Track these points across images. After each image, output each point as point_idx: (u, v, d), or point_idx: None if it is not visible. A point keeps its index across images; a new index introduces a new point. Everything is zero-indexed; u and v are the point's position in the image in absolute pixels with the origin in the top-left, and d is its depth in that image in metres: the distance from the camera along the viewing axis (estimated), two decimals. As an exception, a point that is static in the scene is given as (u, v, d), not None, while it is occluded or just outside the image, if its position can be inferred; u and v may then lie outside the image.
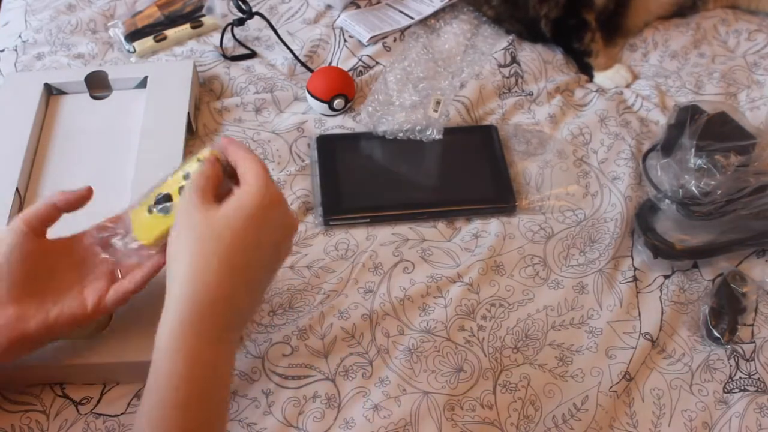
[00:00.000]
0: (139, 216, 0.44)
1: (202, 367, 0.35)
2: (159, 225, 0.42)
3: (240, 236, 0.36)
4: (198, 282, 0.35)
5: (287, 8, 0.79)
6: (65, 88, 0.66)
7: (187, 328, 0.35)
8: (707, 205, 0.55)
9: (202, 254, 0.36)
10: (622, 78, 0.72)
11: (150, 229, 0.43)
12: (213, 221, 0.36)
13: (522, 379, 0.51)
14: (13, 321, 0.40)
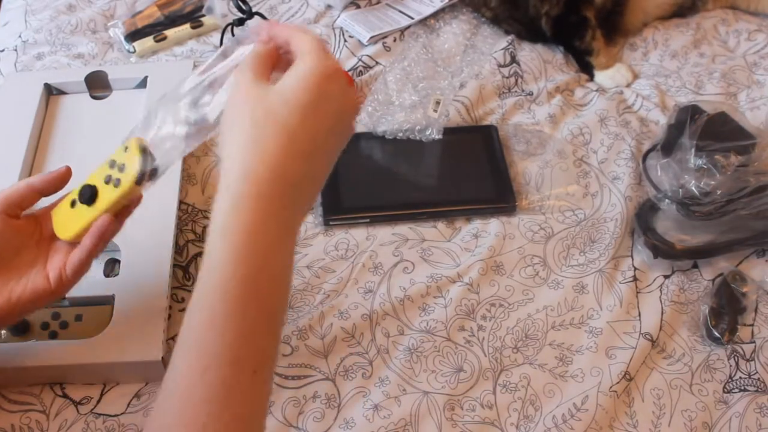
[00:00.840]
0: (61, 211, 0.44)
1: (262, 247, 0.30)
2: (81, 218, 0.42)
3: (298, 111, 0.32)
4: (254, 157, 0.31)
5: (287, 8, 0.79)
6: (65, 88, 0.66)
7: (244, 202, 0.30)
8: (707, 205, 0.55)
9: (258, 127, 0.32)
10: (622, 77, 0.72)
11: (71, 223, 0.43)
12: (269, 95, 0.32)
13: (522, 379, 0.51)
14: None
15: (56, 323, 0.51)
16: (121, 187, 0.41)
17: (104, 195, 0.42)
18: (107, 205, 0.42)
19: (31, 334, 0.50)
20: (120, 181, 0.41)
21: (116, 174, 0.41)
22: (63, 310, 0.51)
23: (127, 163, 0.41)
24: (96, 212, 0.42)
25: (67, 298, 0.52)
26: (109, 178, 0.41)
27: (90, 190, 0.42)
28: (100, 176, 0.42)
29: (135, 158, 0.40)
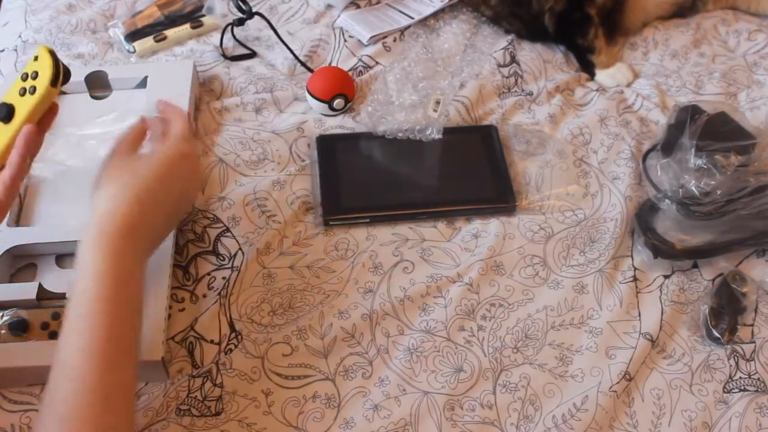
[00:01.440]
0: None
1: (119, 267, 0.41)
2: (2, 137, 0.43)
3: (151, 180, 0.44)
4: (113, 206, 0.42)
5: (287, 8, 0.79)
6: (65, 88, 0.66)
7: (106, 238, 0.41)
8: (707, 205, 0.55)
9: (121, 185, 0.43)
10: (623, 76, 0.72)
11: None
12: (133, 163, 0.44)
13: (522, 379, 0.51)
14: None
15: (56, 323, 0.51)
16: (38, 92, 0.43)
17: (22, 107, 0.43)
18: (26, 114, 0.43)
19: (31, 334, 0.50)
20: (35, 88, 0.43)
21: (30, 83, 0.43)
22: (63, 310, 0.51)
23: (40, 69, 0.43)
24: (16, 126, 0.43)
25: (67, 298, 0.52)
26: (24, 90, 0.43)
27: (6, 107, 0.43)
28: (14, 93, 0.43)
29: (46, 62, 0.43)
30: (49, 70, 0.42)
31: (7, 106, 0.43)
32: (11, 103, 0.43)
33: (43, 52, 0.43)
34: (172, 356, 0.51)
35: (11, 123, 0.43)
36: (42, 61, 0.43)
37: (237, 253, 0.57)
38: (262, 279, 0.56)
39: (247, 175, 0.62)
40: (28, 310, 0.51)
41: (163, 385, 0.50)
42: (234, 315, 0.54)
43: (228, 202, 0.60)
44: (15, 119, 0.43)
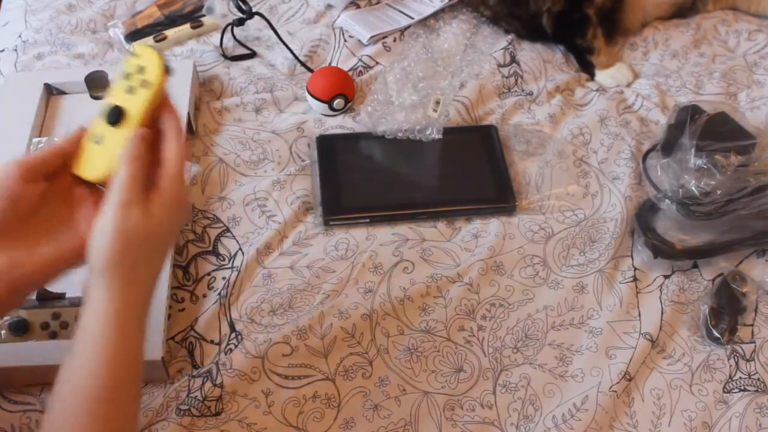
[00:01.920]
0: (85, 154, 0.40)
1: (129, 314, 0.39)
2: (113, 144, 0.39)
3: (164, 241, 0.41)
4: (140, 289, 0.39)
5: (287, 8, 0.79)
6: (65, 88, 0.66)
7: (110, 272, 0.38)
8: (707, 205, 0.55)
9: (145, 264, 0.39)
10: (623, 76, 0.72)
11: (102, 156, 0.39)
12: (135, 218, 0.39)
13: (522, 379, 0.51)
14: (7, 269, 0.38)
15: (56, 323, 0.51)
16: (152, 85, 0.39)
17: (133, 105, 0.39)
18: (142, 109, 0.39)
19: (31, 334, 0.50)
20: (147, 81, 0.39)
21: (137, 78, 0.39)
22: (63, 310, 0.51)
23: (146, 62, 0.39)
24: (129, 129, 0.38)
25: (67, 299, 0.52)
26: (131, 87, 0.39)
27: (116, 110, 0.39)
28: (119, 94, 0.39)
29: (151, 53, 0.39)
30: (157, 59, 0.39)
31: (116, 107, 0.39)
32: (118, 105, 0.39)
33: (140, 48, 0.40)
34: (172, 356, 0.51)
35: (124, 125, 0.39)
36: (145, 54, 0.39)
37: (237, 253, 0.57)
38: (262, 279, 0.56)
39: (247, 175, 0.62)
40: (28, 310, 0.51)
41: (163, 385, 0.50)
42: (234, 315, 0.54)
43: (228, 202, 0.60)
44: (127, 120, 0.39)
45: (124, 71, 0.40)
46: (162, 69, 0.39)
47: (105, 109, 0.40)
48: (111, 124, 0.39)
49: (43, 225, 0.40)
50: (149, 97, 0.39)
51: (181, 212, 0.41)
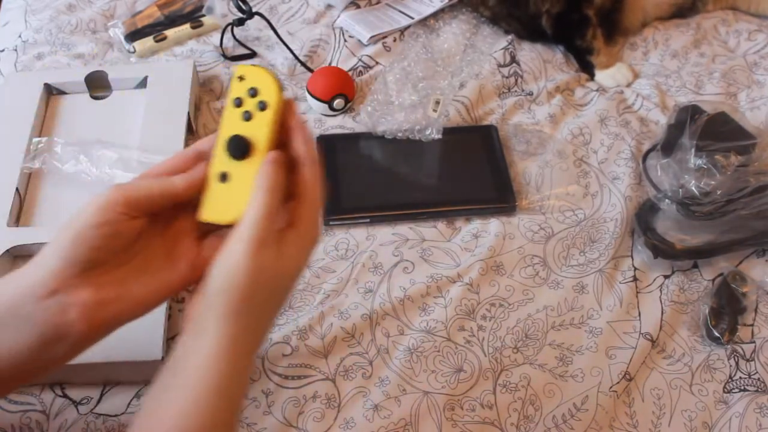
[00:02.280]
0: (211, 195, 0.35)
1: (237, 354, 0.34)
2: (247, 178, 0.34)
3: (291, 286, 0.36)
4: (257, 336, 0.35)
5: (287, 8, 0.79)
6: (65, 88, 0.66)
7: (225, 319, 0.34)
8: (707, 205, 0.55)
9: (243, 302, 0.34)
10: (623, 76, 0.72)
11: (235, 194, 0.34)
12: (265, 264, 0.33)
13: (522, 379, 0.51)
14: (92, 306, 0.33)
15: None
16: (271, 106, 0.35)
17: (257, 132, 0.35)
18: (268, 137, 0.34)
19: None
20: (265, 102, 0.35)
21: (252, 102, 0.35)
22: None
23: (256, 82, 0.35)
24: (258, 160, 0.34)
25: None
26: (247, 114, 0.35)
27: (239, 140, 0.34)
28: (235, 123, 0.35)
29: (259, 71, 0.35)
30: (270, 76, 0.35)
31: (238, 138, 0.35)
32: (239, 134, 0.35)
33: (245, 69, 0.36)
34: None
35: (253, 156, 0.35)
36: (251, 76, 0.36)
37: (237, 253, 0.57)
38: (262, 279, 0.56)
39: (247, 175, 0.62)
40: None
41: (163, 385, 0.50)
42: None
43: (228, 202, 0.60)
44: (256, 150, 0.35)
45: (233, 98, 0.36)
46: (278, 86, 0.35)
47: (224, 142, 0.35)
48: (236, 158, 0.35)
49: (137, 262, 0.36)
50: (272, 118, 0.35)
51: (313, 250, 0.36)
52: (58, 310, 0.32)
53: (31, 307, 0.32)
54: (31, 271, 0.33)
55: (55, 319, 0.32)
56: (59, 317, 0.32)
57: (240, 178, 0.35)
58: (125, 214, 0.34)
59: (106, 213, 0.33)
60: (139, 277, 0.35)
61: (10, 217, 0.56)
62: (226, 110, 0.36)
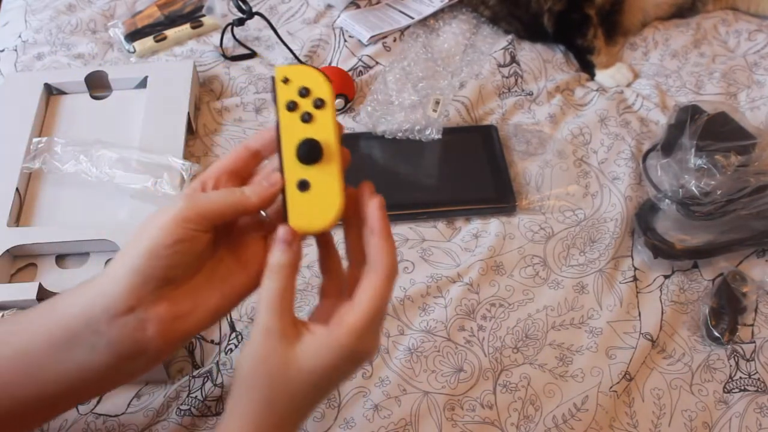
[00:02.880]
0: (294, 205, 0.33)
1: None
2: (330, 178, 0.33)
3: (312, 398, 0.33)
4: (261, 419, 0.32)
5: (287, 8, 0.79)
6: (65, 88, 0.66)
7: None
8: (707, 205, 0.55)
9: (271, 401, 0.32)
10: (623, 76, 0.72)
11: (324, 198, 0.33)
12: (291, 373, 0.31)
13: (522, 379, 0.51)
14: (169, 321, 0.32)
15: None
16: (328, 101, 0.33)
17: (322, 131, 0.33)
18: (334, 133, 0.33)
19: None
20: (321, 100, 0.33)
21: (307, 102, 0.33)
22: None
23: (305, 81, 0.33)
24: (336, 156, 0.33)
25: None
26: (307, 115, 0.33)
27: (311, 145, 0.33)
28: (295, 128, 0.33)
29: (303, 69, 0.34)
30: (315, 72, 0.34)
31: (310, 141, 0.33)
32: (307, 137, 0.33)
33: (286, 70, 0.34)
34: (173, 356, 0.51)
35: (327, 156, 0.33)
36: (298, 76, 0.34)
37: (237, 253, 0.57)
38: (262, 279, 0.56)
39: (247, 175, 0.62)
40: (28, 310, 0.51)
41: (163, 385, 0.50)
42: (234, 315, 0.54)
43: (228, 202, 0.60)
44: (328, 151, 0.33)
45: (284, 102, 0.34)
46: (328, 79, 0.34)
47: (293, 149, 0.33)
48: (311, 163, 0.33)
49: (208, 270, 0.34)
50: (332, 114, 0.34)
51: (357, 365, 0.32)
52: (136, 327, 0.31)
53: (107, 324, 0.31)
54: (105, 286, 0.31)
55: (132, 336, 0.31)
56: (137, 334, 0.31)
57: (321, 185, 0.33)
58: (198, 230, 0.32)
59: (180, 230, 0.31)
60: (211, 285, 0.34)
61: (10, 217, 0.56)
62: (281, 117, 0.34)
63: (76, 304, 0.32)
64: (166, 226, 0.31)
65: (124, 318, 0.31)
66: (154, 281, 0.31)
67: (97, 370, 0.32)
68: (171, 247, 0.31)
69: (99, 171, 0.59)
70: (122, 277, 0.31)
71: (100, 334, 0.31)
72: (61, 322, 0.32)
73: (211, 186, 0.34)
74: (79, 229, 0.55)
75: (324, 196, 0.33)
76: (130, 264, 0.31)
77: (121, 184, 0.58)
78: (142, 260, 0.31)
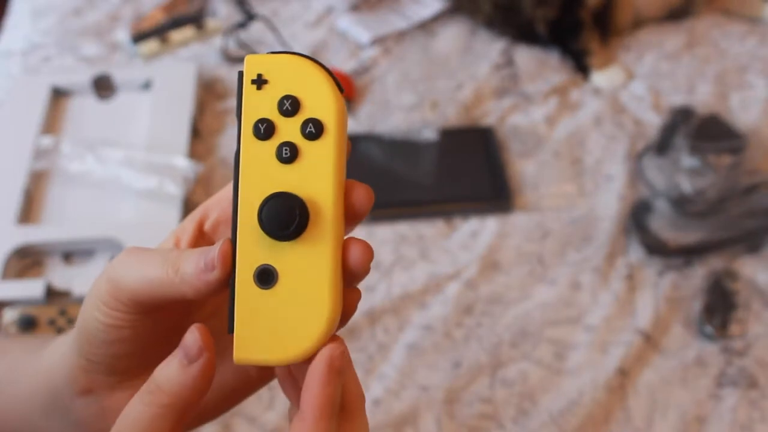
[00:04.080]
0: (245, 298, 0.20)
1: None
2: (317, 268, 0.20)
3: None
4: None
5: (289, 11, 0.80)
6: (72, 90, 0.68)
7: None
8: (700, 204, 0.56)
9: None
10: (618, 78, 0.73)
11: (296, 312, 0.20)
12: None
13: (519, 375, 0.52)
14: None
15: (63, 319, 0.52)
16: (329, 126, 0.21)
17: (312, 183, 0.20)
18: (334, 187, 0.21)
19: (38, 331, 0.51)
20: (319, 124, 0.21)
21: (292, 124, 0.20)
22: (69, 307, 0.52)
23: (293, 83, 0.21)
24: (332, 229, 0.20)
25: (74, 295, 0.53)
26: (288, 149, 0.20)
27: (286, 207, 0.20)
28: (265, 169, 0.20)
29: (291, 61, 0.21)
30: (311, 65, 0.22)
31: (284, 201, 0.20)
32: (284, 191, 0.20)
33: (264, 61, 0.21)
34: None
35: (314, 232, 0.20)
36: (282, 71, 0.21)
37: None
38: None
39: (250, 175, 0.63)
40: (35, 306, 0.52)
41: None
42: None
43: (231, 201, 0.61)
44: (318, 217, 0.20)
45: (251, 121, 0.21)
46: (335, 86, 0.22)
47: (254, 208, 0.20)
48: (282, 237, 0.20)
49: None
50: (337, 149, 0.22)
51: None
52: (98, 415, 0.24)
53: (71, 401, 0.25)
54: (61, 356, 0.25)
55: (98, 424, 0.25)
56: (102, 422, 0.24)
57: (297, 279, 0.20)
58: (131, 314, 0.22)
59: (102, 317, 0.22)
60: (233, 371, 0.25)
61: (18, 216, 0.57)
62: (243, 145, 0.20)
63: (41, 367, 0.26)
64: (95, 305, 0.23)
65: (84, 399, 0.25)
66: (103, 366, 0.24)
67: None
68: (105, 333, 0.23)
69: (105, 171, 0.60)
70: (70, 353, 0.24)
71: (67, 410, 0.25)
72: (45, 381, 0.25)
73: (186, 241, 0.24)
74: (86, 227, 0.56)
75: (301, 300, 0.20)
76: (75, 339, 0.24)
77: (126, 184, 0.59)
78: (83, 340, 0.23)
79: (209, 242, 0.25)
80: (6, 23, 0.81)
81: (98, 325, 0.23)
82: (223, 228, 0.24)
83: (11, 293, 0.52)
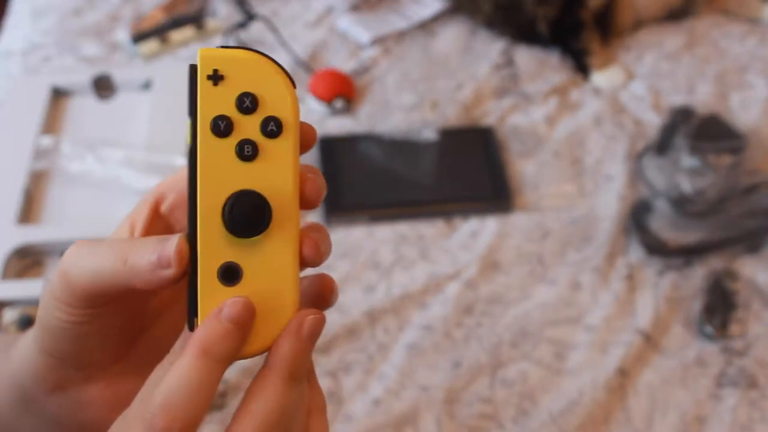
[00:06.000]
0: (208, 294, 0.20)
1: None
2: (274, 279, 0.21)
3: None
4: None
5: (289, 11, 0.80)
6: (72, 90, 0.68)
7: None
8: (700, 204, 0.56)
9: None
10: (618, 78, 0.73)
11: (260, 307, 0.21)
12: None
13: (519, 375, 0.52)
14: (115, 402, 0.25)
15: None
16: (288, 124, 0.20)
17: (273, 179, 0.20)
18: (292, 183, 0.20)
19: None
20: (278, 122, 0.20)
21: (251, 122, 0.20)
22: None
23: (251, 80, 0.20)
24: (292, 223, 0.20)
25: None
26: (249, 147, 0.20)
27: (252, 205, 0.20)
28: (225, 167, 0.20)
29: (246, 57, 0.20)
30: (267, 62, 0.20)
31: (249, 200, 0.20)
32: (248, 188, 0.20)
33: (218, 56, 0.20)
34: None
35: (276, 229, 0.20)
36: (238, 67, 0.20)
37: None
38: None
39: (250, 175, 0.63)
40: (35, 306, 0.52)
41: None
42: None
43: (231, 201, 0.61)
44: (281, 213, 0.20)
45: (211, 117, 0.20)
46: (290, 82, 0.21)
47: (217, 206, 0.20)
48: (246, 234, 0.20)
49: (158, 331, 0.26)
50: (295, 147, 0.21)
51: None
52: (74, 409, 0.24)
53: (44, 399, 0.24)
54: (25, 356, 0.24)
55: (75, 419, 0.24)
56: (78, 416, 0.24)
57: (261, 275, 0.20)
58: (88, 308, 0.22)
59: (67, 311, 0.22)
60: (163, 353, 0.23)
61: (18, 216, 0.57)
62: (201, 146, 0.20)
63: (11, 369, 0.25)
64: (46, 305, 0.22)
65: (58, 397, 0.24)
66: (70, 362, 0.23)
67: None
68: (65, 329, 0.22)
69: (105, 171, 0.60)
70: (34, 352, 0.24)
71: (41, 411, 0.25)
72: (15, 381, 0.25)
73: (141, 227, 0.23)
74: (86, 227, 0.56)
75: (266, 295, 0.20)
76: (36, 338, 0.23)
77: (126, 184, 0.59)
78: (46, 337, 0.23)
79: (166, 225, 0.24)
80: (6, 23, 0.81)
81: (57, 323, 0.22)
82: (180, 212, 0.24)
83: (11, 293, 0.52)
